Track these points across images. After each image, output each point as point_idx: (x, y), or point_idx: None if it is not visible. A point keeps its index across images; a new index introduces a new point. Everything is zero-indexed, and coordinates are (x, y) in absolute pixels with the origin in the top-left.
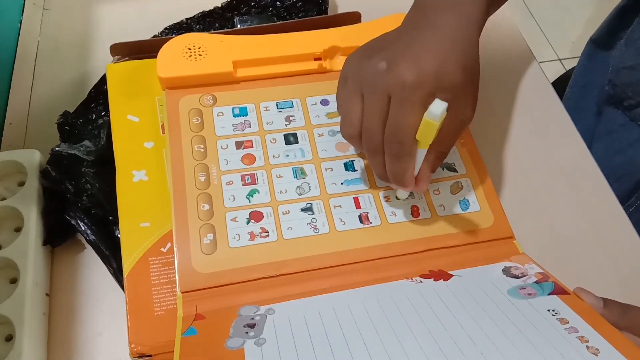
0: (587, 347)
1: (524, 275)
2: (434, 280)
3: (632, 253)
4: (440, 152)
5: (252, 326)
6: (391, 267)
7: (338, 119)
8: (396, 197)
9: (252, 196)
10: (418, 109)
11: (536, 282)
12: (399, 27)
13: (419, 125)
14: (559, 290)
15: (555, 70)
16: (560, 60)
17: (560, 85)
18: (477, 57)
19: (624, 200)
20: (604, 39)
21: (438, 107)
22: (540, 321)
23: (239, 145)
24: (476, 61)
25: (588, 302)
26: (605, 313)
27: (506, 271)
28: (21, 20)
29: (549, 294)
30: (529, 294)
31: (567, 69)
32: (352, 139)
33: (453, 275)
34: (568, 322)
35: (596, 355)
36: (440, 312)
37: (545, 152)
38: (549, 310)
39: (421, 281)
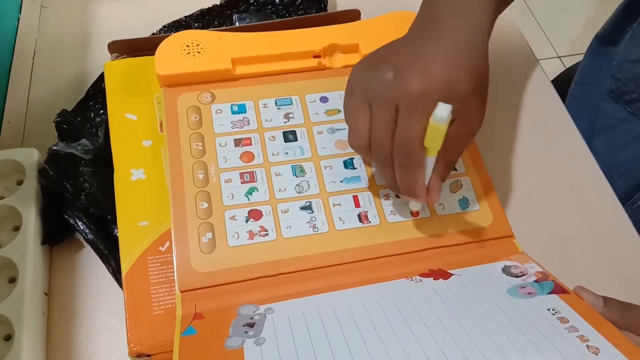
0: (587, 347)
1: (524, 274)
2: (434, 279)
3: (632, 253)
4: (449, 162)
5: (251, 325)
6: (391, 266)
7: (337, 117)
8: (410, 211)
9: (251, 194)
10: (426, 119)
11: (536, 281)
12: (406, 35)
13: None
14: (558, 290)
15: (555, 68)
16: (559, 57)
17: (560, 83)
18: (486, 66)
19: (629, 196)
20: (610, 35)
21: (443, 110)
22: (541, 320)
23: (237, 142)
24: (485, 70)
25: (588, 300)
26: (605, 311)
27: (506, 270)
28: (19, 18)
29: (548, 293)
30: (529, 293)
31: (567, 67)
32: (360, 149)
33: (453, 275)
34: (568, 321)
35: (596, 354)
36: (440, 312)
37: (545, 151)
38: (549, 310)
39: (421, 280)
